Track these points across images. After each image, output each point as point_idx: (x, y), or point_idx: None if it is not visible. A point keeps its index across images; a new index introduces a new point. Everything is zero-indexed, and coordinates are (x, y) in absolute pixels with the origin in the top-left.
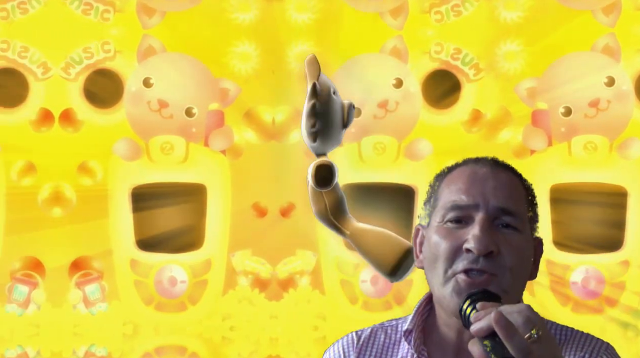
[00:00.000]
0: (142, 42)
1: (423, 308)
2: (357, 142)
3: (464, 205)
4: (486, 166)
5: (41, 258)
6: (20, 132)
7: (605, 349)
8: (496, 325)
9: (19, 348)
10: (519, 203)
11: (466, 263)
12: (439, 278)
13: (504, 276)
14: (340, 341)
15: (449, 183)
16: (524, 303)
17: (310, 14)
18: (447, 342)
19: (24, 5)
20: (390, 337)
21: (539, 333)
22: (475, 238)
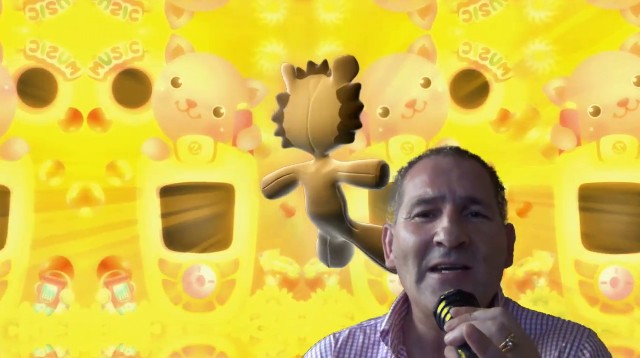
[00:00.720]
0: (171, 42)
1: (400, 307)
2: (386, 142)
3: (430, 198)
4: (448, 156)
5: (70, 258)
6: (49, 132)
7: (588, 337)
8: (469, 339)
9: (48, 347)
10: (486, 190)
11: (438, 257)
12: (411, 276)
13: (479, 267)
14: (318, 345)
15: (412, 178)
16: (498, 309)
17: (339, 14)
18: (426, 340)
19: (53, 6)
20: (370, 337)
21: (515, 341)
22: (445, 230)
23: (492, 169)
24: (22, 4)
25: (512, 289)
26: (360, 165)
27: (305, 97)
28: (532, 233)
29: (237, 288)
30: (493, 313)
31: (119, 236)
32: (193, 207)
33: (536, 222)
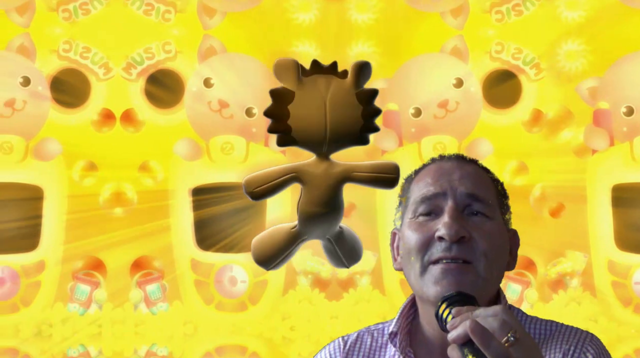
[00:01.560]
0: (203, 43)
1: (408, 310)
2: (418, 142)
3: (432, 195)
4: (451, 160)
5: (102, 258)
6: (82, 132)
7: (590, 340)
8: (472, 333)
9: (81, 347)
10: (487, 191)
11: (440, 251)
12: (415, 271)
13: (479, 262)
14: (327, 347)
15: (417, 182)
16: (499, 306)
17: (371, 14)
18: (432, 341)
19: (86, 6)
20: (377, 340)
21: (516, 336)
22: (445, 225)
23: (495, 176)
24: (55, 5)
25: (544, 289)
26: (380, 166)
27: (317, 96)
28: (564, 233)
29: (269, 288)
30: (494, 310)
31: (151, 236)
32: (225, 207)
33: (569, 222)
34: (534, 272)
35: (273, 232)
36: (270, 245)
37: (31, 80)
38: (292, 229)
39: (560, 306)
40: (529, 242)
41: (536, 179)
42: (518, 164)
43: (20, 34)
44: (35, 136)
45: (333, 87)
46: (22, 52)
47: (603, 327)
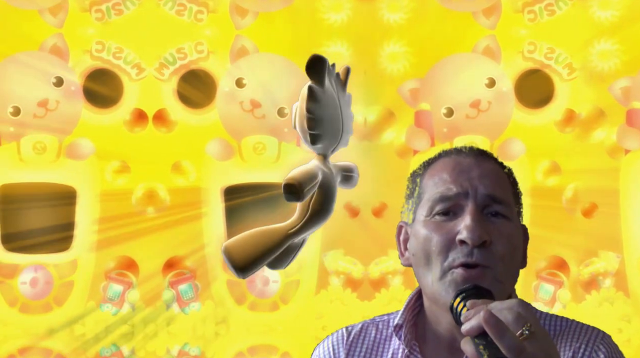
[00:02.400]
0: (235, 43)
1: (414, 303)
2: (450, 142)
3: (453, 195)
4: (469, 156)
5: (135, 258)
6: (114, 132)
7: (602, 338)
8: (486, 324)
9: (114, 347)
10: (506, 191)
11: (461, 256)
12: (434, 273)
13: (497, 266)
14: (331, 337)
15: (432, 176)
16: (514, 299)
17: (402, 13)
18: (439, 336)
19: (119, 7)
20: (382, 332)
21: (531, 330)
22: (468, 228)
23: (510, 171)
24: (88, 5)
25: (577, 290)
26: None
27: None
28: (597, 233)
29: (301, 288)
30: (509, 303)
31: (184, 236)
32: (256, 207)
33: (601, 222)
34: (567, 272)
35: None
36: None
37: (64, 80)
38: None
39: (593, 306)
40: (562, 242)
41: (569, 179)
42: (550, 163)
43: (53, 34)
44: (68, 136)
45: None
46: (55, 52)
47: (636, 327)
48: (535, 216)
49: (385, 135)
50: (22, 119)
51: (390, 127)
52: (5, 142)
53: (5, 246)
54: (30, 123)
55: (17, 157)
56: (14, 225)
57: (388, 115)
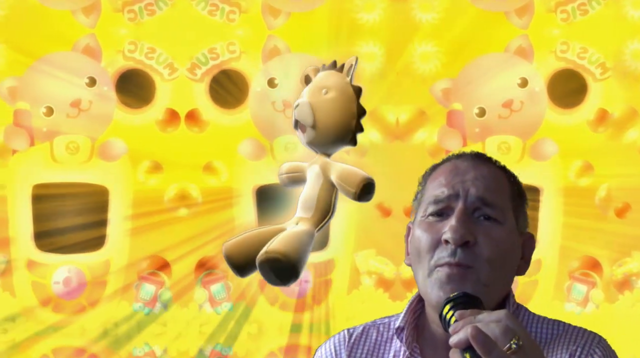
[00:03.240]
0: (267, 43)
1: (415, 305)
2: (482, 141)
3: (444, 197)
4: (467, 160)
5: (167, 258)
6: (147, 132)
7: (598, 342)
8: (473, 340)
9: (146, 346)
10: (501, 194)
11: (445, 255)
12: (423, 272)
13: (482, 268)
14: (332, 339)
15: (432, 180)
16: (502, 311)
17: (435, 13)
18: (438, 338)
19: (151, 7)
20: (383, 334)
21: (519, 343)
22: (451, 228)
23: (515, 178)
24: (121, 6)
25: (610, 290)
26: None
27: None
28: (630, 233)
29: (333, 288)
30: (497, 316)
31: (216, 235)
32: (287, 206)
33: (635, 222)
34: (600, 272)
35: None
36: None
37: (97, 80)
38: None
39: (627, 307)
40: (595, 242)
41: (602, 179)
42: (583, 163)
43: (86, 35)
44: (100, 136)
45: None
46: (88, 52)
47: None
48: (567, 216)
49: (417, 135)
50: (55, 119)
51: (422, 127)
52: (39, 142)
53: (38, 246)
54: (63, 123)
55: (50, 157)
56: (47, 225)
57: (420, 115)
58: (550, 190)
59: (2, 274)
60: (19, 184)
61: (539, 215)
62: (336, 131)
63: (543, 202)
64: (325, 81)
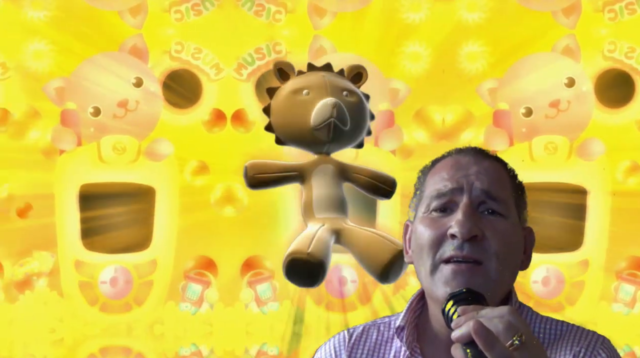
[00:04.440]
0: (313, 43)
1: (416, 304)
2: (528, 141)
3: (448, 191)
4: (469, 155)
5: (214, 258)
6: (193, 132)
7: (602, 343)
8: (475, 335)
9: (193, 346)
10: (504, 189)
11: (451, 249)
12: (425, 268)
13: (491, 262)
14: (332, 339)
15: (432, 175)
16: (505, 307)
17: (482, 13)
18: (440, 338)
19: (198, 7)
20: (383, 334)
21: (522, 340)
22: (458, 222)
23: (514, 172)
24: (168, 6)
25: None
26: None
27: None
28: None
29: (379, 288)
30: (500, 311)
31: (262, 235)
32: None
33: None
34: None
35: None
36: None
37: (144, 81)
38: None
39: None
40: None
41: None
42: (631, 163)
43: (133, 35)
44: (147, 136)
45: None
46: (135, 53)
47: None
48: (615, 216)
49: (463, 135)
50: (102, 119)
51: (468, 127)
52: (86, 143)
53: (85, 245)
54: (110, 123)
55: (97, 158)
56: (94, 225)
57: (466, 115)
58: (597, 190)
59: (50, 274)
60: (66, 184)
61: (586, 216)
62: (358, 133)
63: (590, 202)
64: (342, 83)
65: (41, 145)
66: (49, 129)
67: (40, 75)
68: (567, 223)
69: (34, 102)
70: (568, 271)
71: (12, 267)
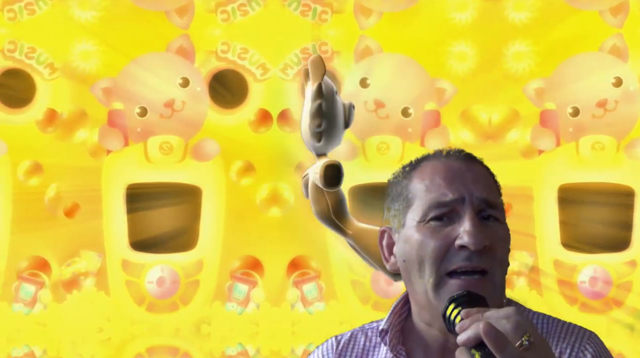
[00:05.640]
0: (359, 43)
1: (400, 308)
2: (575, 141)
3: (449, 201)
4: (459, 160)
5: (260, 258)
6: (239, 132)
7: (589, 338)
8: (485, 337)
9: (239, 346)
10: (496, 194)
11: (460, 260)
12: (428, 281)
13: (495, 270)
14: (320, 347)
15: (422, 179)
16: (511, 308)
17: (529, 12)
18: (431, 341)
19: (244, 7)
20: (371, 339)
21: (531, 340)
22: (469, 234)
23: (491, 172)
24: (214, 6)
25: None
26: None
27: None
28: None
29: None
30: (506, 312)
31: (308, 235)
32: (381, 207)
33: None
34: None
35: None
36: None
37: (190, 81)
38: None
39: None
40: None
41: None
42: None
43: (179, 36)
44: (194, 137)
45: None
46: (182, 53)
47: None
48: None
49: (509, 135)
50: (149, 119)
51: (514, 126)
52: (133, 143)
53: (132, 245)
54: (157, 123)
55: (144, 158)
56: (141, 225)
57: (513, 114)
58: None
59: (97, 273)
60: (113, 184)
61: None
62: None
63: (638, 203)
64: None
65: (88, 145)
66: (96, 129)
67: (87, 76)
68: (614, 223)
69: (82, 102)
70: (615, 271)
71: (59, 267)
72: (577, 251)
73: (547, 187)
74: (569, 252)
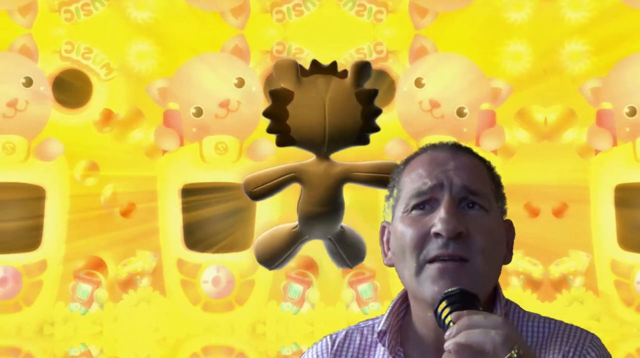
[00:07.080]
0: (414, 43)
1: (398, 306)
2: (632, 141)
3: (427, 189)
4: (445, 150)
5: (315, 258)
6: None
7: (591, 341)
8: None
9: (294, 345)
10: (483, 182)
11: (436, 248)
12: (410, 269)
13: (477, 259)
14: (315, 347)
15: (409, 173)
16: (499, 317)
17: (585, 12)
18: (425, 340)
19: (299, 8)
20: (367, 338)
21: (520, 353)
22: (442, 220)
23: (491, 165)
24: (269, 6)
25: None
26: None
27: (316, 96)
28: None
29: None
30: (495, 322)
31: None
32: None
33: None
34: None
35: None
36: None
37: (245, 81)
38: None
39: None
40: None
41: None
42: None
43: (234, 36)
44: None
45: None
46: (236, 53)
47: None
48: None
49: (566, 135)
50: (204, 119)
51: (571, 126)
52: (188, 143)
53: (187, 245)
54: (212, 124)
55: (199, 158)
56: (196, 225)
57: (569, 114)
58: None
59: (153, 273)
60: (169, 184)
61: None
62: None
63: None
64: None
65: (144, 145)
66: (151, 129)
67: (143, 76)
68: None
69: (138, 102)
70: None
71: (115, 267)
72: (634, 251)
73: (603, 187)
74: (626, 252)
